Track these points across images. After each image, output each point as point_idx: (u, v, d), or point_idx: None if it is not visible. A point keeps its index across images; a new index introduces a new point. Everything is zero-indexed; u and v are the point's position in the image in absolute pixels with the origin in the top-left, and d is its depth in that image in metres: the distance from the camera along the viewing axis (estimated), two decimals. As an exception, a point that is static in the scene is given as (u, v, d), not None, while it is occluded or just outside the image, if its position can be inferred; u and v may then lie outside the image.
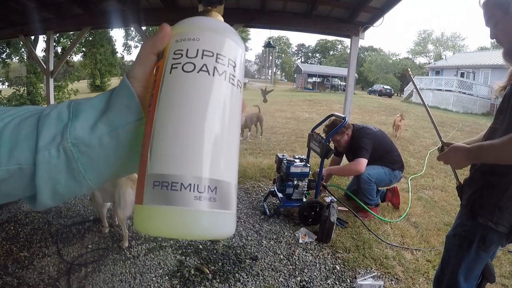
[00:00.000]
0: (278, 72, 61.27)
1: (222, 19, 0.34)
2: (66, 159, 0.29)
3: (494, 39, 1.17)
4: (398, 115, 8.04)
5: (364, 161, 2.89)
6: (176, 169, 0.25)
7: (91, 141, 0.29)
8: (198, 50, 0.28)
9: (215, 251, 2.36)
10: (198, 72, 0.28)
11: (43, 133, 0.29)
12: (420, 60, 37.70)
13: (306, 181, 2.90)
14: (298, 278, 2.11)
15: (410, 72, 1.59)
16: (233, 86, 0.29)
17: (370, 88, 30.88)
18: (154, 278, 2.02)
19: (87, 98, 0.32)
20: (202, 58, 0.28)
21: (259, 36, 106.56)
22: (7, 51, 10.43)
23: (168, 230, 0.25)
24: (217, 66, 0.28)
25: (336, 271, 2.21)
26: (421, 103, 1.61)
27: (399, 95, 30.21)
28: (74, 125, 0.29)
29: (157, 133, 0.27)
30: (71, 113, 0.30)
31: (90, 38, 11.65)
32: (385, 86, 28.71)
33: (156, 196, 0.25)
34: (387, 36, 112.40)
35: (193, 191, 0.25)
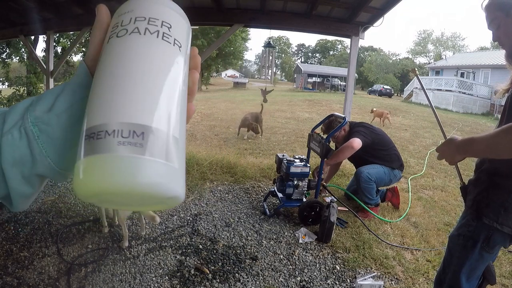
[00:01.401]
0: (278, 72, 61.28)
1: None
2: (27, 139, 0.30)
3: (497, 42, 1.17)
4: (387, 111, 9.35)
5: (357, 140, 2.87)
6: (102, 118, 0.25)
7: (50, 119, 0.30)
8: (131, 18, 0.29)
9: (215, 251, 2.36)
10: (129, 34, 0.29)
11: (8, 120, 0.31)
12: (420, 60, 37.72)
13: (306, 181, 2.90)
14: (298, 278, 2.11)
15: (417, 71, 1.58)
16: (168, 43, 0.30)
17: (370, 88, 30.88)
18: (154, 278, 2.02)
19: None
20: (134, 23, 0.29)
21: (259, 36, 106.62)
22: (7, 51, 10.42)
23: (98, 181, 0.23)
24: (149, 27, 0.29)
25: (336, 271, 2.21)
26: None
27: (399, 95, 30.21)
28: (35, 107, 0.31)
29: (91, 95, 0.28)
30: (33, 100, 0.32)
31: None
32: (385, 86, 28.71)
33: (86, 148, 0.24)
34: (387, 36, 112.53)
35: (117, 137, 0.24)
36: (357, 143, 2.85)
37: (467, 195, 1.29)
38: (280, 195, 2.99)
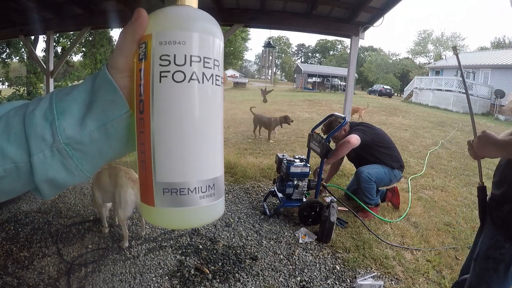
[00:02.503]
0: (278, 72, 61.26)
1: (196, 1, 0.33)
2: (61, 158, 0.30)
3: None
4: (363, 107, 9.52)
5: (355, 136, 2.86)
6: (182, 177, 0.29)
7: (82, 139, 0.30)
8: (185, 56, 0.28)
9: (215, 251, 2.36)
10: (188, 82, 0.28)
11: (32, 134, 0.29)
12: (420, 60, 37.70)
13: (306, 181, 2.90)
14: (298, 278, 2.11)
15: (457, 49, 1.40)
16: (218, 86, 0.31)
17: (370, 88, 30.87)
18: (154, 278, 2.02)
19: (68, 89, 0.32)
20: (190, 65, 0.28)
21: (259, 36, 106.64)
22: (7, 51, 10.41)
23: (180, 224, 0.31)
24: (205, 71, 0.29)
25: (336, 271, 2.20)
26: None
27: (399, 95, 30.20)
28: (63, 124, 0.30)
29: (158, 145, 0.29)
30: (54, 110, 0.30)
31: (90, 38, 11.62)
32: (385, 86, 28.70)
33: (167, 201, 0.29)
34: (387, 36, 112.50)
35: (198, 193, 0.29)
36: (354, 138, 2.84)
37: (491, 211, 1.18)
38: (280, 195, 2.99)
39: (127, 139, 0.32)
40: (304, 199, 2.92)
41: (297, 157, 2.99)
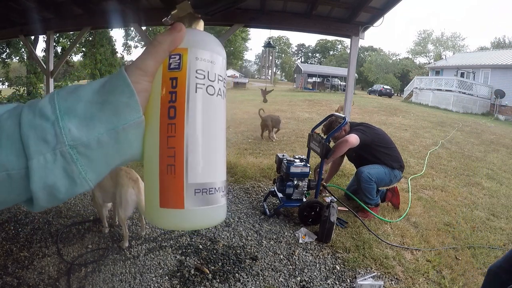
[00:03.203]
0: (278, 72, 61.25)
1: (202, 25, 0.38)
2: (64, 163, 0.27)
3: None
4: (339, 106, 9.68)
5: (354, 135, 2.86)
6: (211, 177, 0.32)
7: (90, 142, 0.27)
8: (215, 74, 0.33)
9: (215, 251, 2.36)
10: (216, 96, 0.33)
11: (30, 136, 0.26)
12: (420, 60, 37.70)
13: (306, 181, 2.90)
14: (298, 278, 2.11)
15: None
16: (223, 99, 0.35)
17: (370, 88, 30.86)
18: (154, 278, 2.02)
19: (72, 87, 0.30)
20: (218, 82, 0.33)
21: (259, 36, 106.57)
22: (7, 51, 10.41)
23: (208, 222, 0.33)
24: (223, 89, 0.34)
25: (336, 271, 2.20)
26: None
27: (399, 95, 30.20)
28: (67, 125, 0.27)
29: (192, 149, 0.31)
30: (57, 110, 0.27)
31: (90, 38, 11.62)
32: (385, 86, 28.69)
33: (198, 200, 0.32)
34: (387, 36, 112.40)
35: (221, 192, 0.34)
36: (353, 137, 2.85)
37: None
38: (280, 195, 2.99)
39: (136, 146, 0.31)
40: (304, 199, 2.92)
41: (297, 157, 2.99)
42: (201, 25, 0.37)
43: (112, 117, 0.28)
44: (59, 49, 10.34)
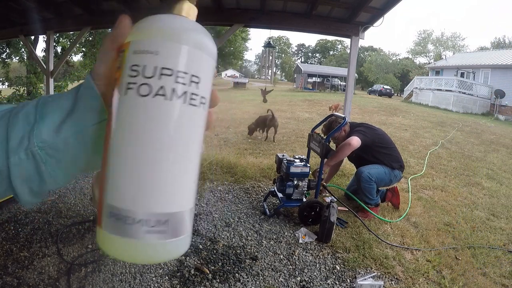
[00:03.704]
0: (278, 72, 61.27)
1: (195, 12, 0.30)
2: (34, 163, 0.30)
3: None
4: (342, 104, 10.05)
5: (356, 138, 2.87)
6: (129, 204, 0.25)
7: (57, 144, 0.30)
8: (155, 68, 0.25)
9: (215, 251, 2.36)
10: (153, 96, 0.25)
11: (12, 136, 0.29)
12: (420, 60, 37.72)
13: (306, 181, 2.90)
14: (298, 278, 2.11)
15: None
16: (194, 106, 0.27)
17: (370, 88, 30.86)
18: (154, 278, 2.02)
19: (57, 95, 0.32)
20: (159, 78, 0.25)
21: (259, 36, 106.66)
22: (7, 51, 10.41)
23: (121, 255, 0.26)
24: (176, 87, 0.25)
25: (336, 271, 2.20)
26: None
27: (399, 95, 30.20)
28: (40, 128, 0.29)
29: (111, 163, 0.26)
30: (37, 114, 0.30)
31: (90, 38, 11.61)
32: (385, 86, 28.69)
33: (112, 226, 0.26)
34: (387, 36, 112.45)
35: (145, 226, 0.25)
36: (355, 140, 2.85)
37: None
38: (280, 195, 2.99)
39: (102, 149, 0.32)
40: (304, 199, 2.92)
41: (297, 157, 2.99)
42: (185, 8, 0.30)
43: (79, 120, 0.30)
44: (59, 49, 10.33)
